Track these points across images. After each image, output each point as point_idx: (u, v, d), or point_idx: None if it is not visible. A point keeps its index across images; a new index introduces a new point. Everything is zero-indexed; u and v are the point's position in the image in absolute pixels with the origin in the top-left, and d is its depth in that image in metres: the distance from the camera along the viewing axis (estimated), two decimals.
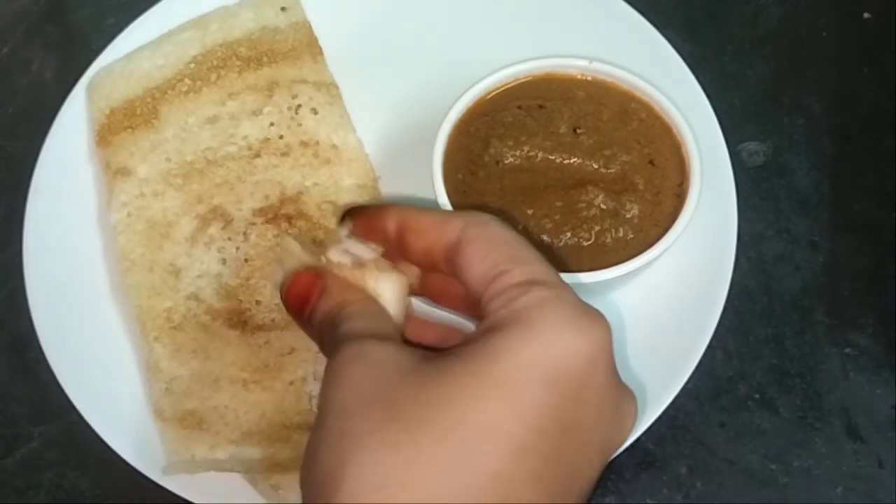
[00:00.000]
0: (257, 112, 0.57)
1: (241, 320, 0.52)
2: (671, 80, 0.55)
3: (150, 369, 0.51)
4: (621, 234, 0.48)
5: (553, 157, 0.50)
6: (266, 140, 0.56)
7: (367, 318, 0.38)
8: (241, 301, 0.52)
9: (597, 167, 0.50)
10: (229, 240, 0.54)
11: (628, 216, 0.49)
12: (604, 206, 0.48)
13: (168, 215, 0.54)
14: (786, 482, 0.52)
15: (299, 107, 0.57)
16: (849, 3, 0.65)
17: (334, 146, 0.56)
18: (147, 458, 0.49)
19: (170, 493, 0.49)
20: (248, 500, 0.49)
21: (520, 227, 0.48)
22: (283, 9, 0.60)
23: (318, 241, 0.43)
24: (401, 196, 0.56)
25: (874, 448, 0.52)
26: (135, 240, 0.54)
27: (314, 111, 0.57)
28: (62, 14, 0.67)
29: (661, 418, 0.50)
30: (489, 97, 0.52)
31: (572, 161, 0.50)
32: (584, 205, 0.48)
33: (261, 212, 0.54)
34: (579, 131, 0.51)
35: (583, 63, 0.53)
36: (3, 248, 0.57)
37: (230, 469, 0.49)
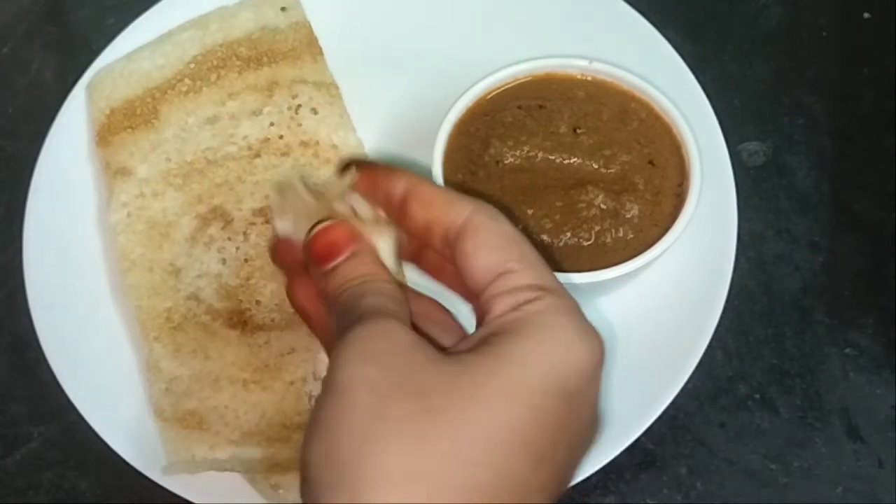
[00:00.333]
0: (257, 112, 0.56)
1: (241, 320, 0.52)
2: (671, 80, 0.55)
3: (150, 369, 0.51)
4: (621, 234, 0.48)
5: (553, 157, 0.50)
6: (266, 140, 0.56)
7: (393, 301, 0.37)
8: (241, 301, 0.52)
9: (597, 167, 0.50)
10: (229, 240, 0.54)
11: (628, 216, 0.49)
12: (604, 206, 0.48)
13: (168, 215, 0.54)
14: (786, 482, 0.52)
15: (299, 107, 0.57)
16: (849, 3, 0.65)
17: (334, 146, 0.56)
18: (147, 458, 0.49)
19: (170, 493, 0.49)
20: (248, 500, 0.49)
21: (520, 227, 0.48)
22: (283, 9, 0.60)
23: (316, 187, 0.41)
24: None
25: (874, 448, 0.52)
26: (135, 240, 0.54)
27: (314, 111, 0.57)
28: (62, 14, 0.67)
29: (661, 418, 0.50)
30: (489, 97, 0.52)
31: (572, 161, 0.50)
32: (584, 205, 0.48)
33: (261, 212, 0.54)
34: (579, 131, 0.51)
35: (583, 63, 0.53)
36: (3, 247, 0.57)
37: (230, 469, 0.49)
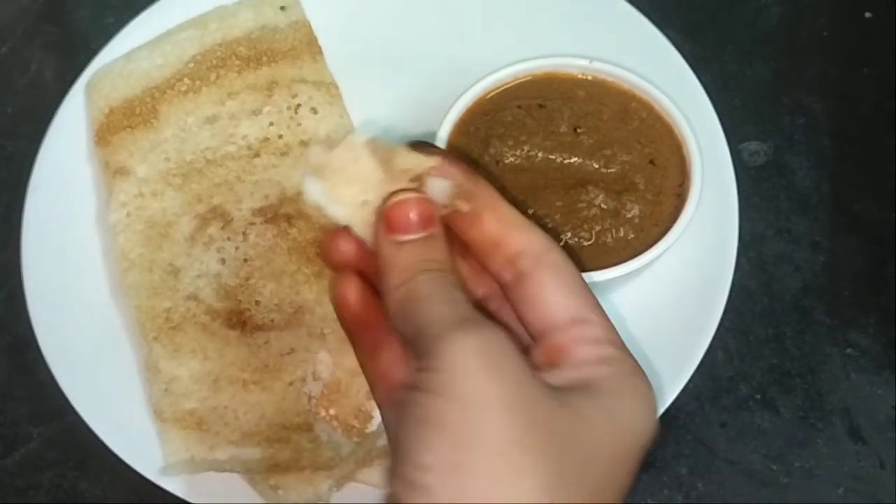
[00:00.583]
0: (257, 112, 0.56)
1: (240, 320, 0.52)
2: (672, 79, 0.55)
3: (150, 369, 0.51)
4: (622, 234, 0.48)
5: (553, 157, 0.50)
6: (265, 140, 0.56)
7: (468, 300, 0.36)
8: (240, 301, 0.52)
9: (597, 167, 0.50)
10: (228, 240, 0.54)
11: (629, 216, 0.48)
12: (604, 206, 0.48)
13: (167, 215, 0.54)
14: (787, 482, 0.52)
15: (299, 106, 0.57)
16: (849, 3, 0.65)
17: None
18: (146, 458, 0.49)
19: (169, 493, 0.49)
20: (247, 500, 0.49)
21: None
22: (282, 8, 0.59)
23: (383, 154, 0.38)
24: None
25: (875, 448, 0.52)
26: (134, 240, 0.53)
27: (314, 111, 0.57)
28: (61, 14, 0.67)
29: (661, 418, 0.49)
30: (489, 97, 0.52)
31: (572, 161, 0.50)
32: (584, 205, 0.48)
33: (260, 211, 0.54)
34: (579, 131, 0.51)
35: (583, 62, 0.53)
36: (3, 247, 0.57)
37: (229, 469, 0.49)
